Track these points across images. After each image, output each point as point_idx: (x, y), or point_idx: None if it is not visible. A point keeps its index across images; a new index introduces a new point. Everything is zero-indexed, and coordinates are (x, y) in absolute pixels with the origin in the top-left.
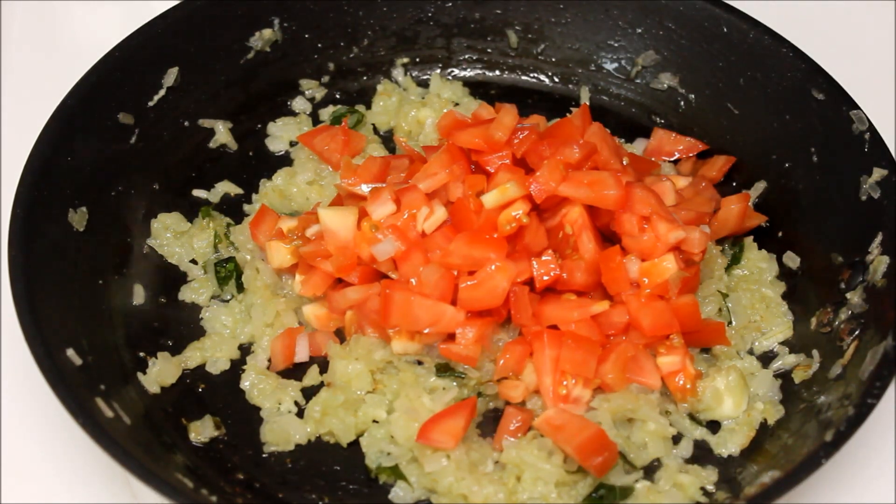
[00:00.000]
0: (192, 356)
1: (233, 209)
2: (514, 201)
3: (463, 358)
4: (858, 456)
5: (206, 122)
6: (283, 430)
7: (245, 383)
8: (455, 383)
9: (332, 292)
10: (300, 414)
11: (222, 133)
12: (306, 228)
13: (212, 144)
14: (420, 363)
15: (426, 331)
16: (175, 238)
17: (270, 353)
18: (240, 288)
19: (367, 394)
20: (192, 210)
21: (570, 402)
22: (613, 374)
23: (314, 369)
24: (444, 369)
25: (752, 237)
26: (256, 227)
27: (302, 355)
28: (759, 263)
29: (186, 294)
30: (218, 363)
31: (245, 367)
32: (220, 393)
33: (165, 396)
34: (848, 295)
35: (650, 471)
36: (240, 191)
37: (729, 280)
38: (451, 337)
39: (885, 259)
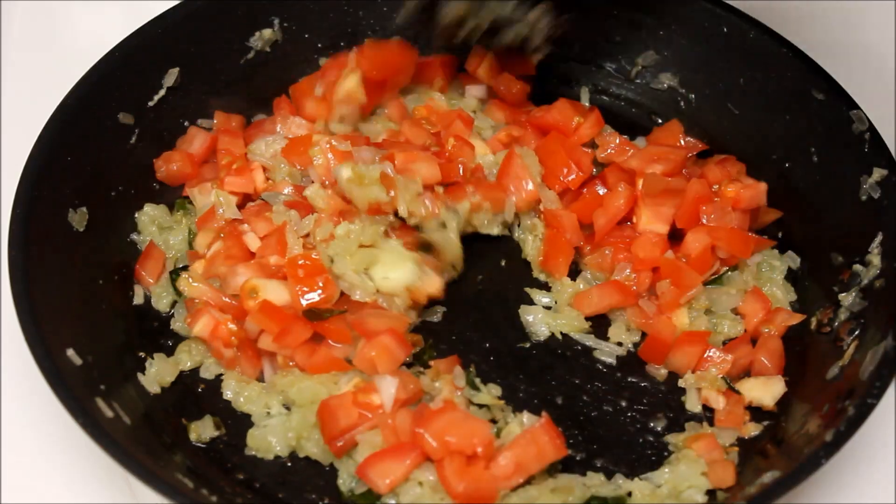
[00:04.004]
0: (182, 359)
1: None
2: None
3: None
4: (858, 456)
5: (205, 123)
6: (264, 439)
7: (227, 393)
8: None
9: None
10: None
11: None
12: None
13: None
14: None
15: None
16: (160, 231)
17: (240, 370)
18: None
19: None
20: None
21: None
22: None
23: None
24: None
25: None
26: (202, 226)
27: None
28: (771, 261)
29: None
30: (210, 368)
31: (223, 376)
32: (220, 393)
33: (165, 396)
34: (848, 295)
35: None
36: None
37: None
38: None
39: (886, 259)
